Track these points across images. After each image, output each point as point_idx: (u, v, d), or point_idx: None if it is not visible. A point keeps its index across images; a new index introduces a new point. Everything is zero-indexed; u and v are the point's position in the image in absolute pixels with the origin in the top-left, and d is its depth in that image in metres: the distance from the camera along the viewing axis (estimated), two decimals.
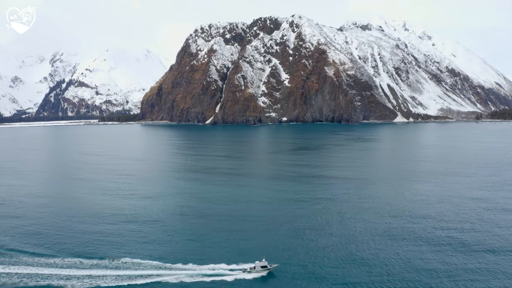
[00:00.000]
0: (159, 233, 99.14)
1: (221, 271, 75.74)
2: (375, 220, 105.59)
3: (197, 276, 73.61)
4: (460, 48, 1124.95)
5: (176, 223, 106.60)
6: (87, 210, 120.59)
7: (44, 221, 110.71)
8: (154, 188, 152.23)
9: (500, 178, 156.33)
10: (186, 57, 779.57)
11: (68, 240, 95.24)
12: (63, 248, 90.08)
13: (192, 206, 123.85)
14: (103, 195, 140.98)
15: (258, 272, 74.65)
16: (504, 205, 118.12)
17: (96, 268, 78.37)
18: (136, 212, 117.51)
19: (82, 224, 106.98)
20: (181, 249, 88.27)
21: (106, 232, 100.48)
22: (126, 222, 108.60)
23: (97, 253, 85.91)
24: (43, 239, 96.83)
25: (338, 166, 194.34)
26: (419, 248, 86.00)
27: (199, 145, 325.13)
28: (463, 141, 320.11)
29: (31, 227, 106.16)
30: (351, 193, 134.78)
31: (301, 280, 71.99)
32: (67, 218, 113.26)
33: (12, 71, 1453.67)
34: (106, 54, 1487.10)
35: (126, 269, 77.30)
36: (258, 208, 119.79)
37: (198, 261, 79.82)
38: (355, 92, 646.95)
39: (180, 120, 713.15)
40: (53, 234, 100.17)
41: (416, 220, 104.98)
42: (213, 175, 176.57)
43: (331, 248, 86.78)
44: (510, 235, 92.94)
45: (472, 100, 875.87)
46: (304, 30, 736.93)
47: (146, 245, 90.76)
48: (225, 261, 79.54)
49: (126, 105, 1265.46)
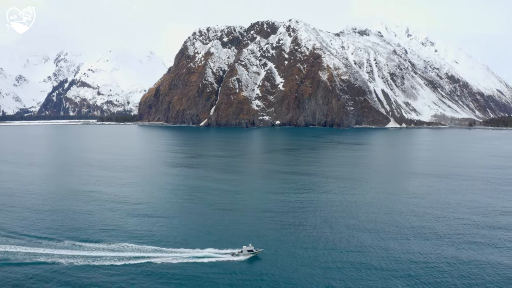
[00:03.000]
0: (154, 220, 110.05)
1: (211, 254, 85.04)
2: (354, 212, 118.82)
3: (189, 258, 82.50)
4: (463, 54, 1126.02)
5: (169, 212, 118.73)
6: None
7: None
8: (148, 182, 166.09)
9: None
10: (183, 60, 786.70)
11: (67, 224, 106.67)
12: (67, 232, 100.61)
13: (185, 196, 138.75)
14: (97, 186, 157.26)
15: (245, 255, 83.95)
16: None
17: (96, 250, 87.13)
18: (131, 201, 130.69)
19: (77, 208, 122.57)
20: (175, 234, 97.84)
21: (104, 218, 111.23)
22: (123, 210, 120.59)
23: (95, 238, 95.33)
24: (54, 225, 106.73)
25: (319, 166, 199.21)
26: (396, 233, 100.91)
27: (183, 144, 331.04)
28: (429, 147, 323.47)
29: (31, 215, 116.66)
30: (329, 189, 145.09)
31: (281, 262, 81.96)
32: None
33: (17, 70, 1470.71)
34: (109, 55, 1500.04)
35: (121, 252, 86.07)
36: (246, 199, 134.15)
37: (190, 245, 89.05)
38: (348, 97, 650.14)
39: (175, 121, 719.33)
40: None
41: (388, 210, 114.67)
42: (205, 171, 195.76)
43: (311, 237, 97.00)
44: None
45: (470, 107, 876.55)
46: (300, 35, 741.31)
47: (141, 231, 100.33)
48: (215, 245, 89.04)
49: (127, 106, 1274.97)
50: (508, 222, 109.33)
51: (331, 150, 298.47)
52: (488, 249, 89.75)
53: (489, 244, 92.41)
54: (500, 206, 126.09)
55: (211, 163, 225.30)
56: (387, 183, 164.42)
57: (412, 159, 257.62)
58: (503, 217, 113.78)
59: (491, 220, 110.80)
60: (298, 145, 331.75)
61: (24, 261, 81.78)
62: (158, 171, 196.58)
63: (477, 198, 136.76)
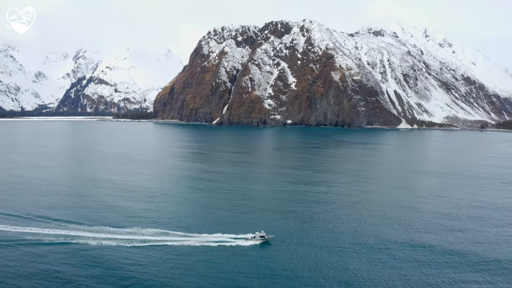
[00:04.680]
0: (174, 208, 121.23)
1: (226, 238, 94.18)
2: (365, 206, 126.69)
3: (207, 242, 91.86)
4: (481, 56, 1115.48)
5: (188, 201, 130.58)
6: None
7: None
8: (166, 174, 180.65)
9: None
10: (198, 58, 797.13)
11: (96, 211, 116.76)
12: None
13: (201, 187, 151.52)
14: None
15: (257, 240, 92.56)
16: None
17: (123, 234, 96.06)
18: (155, 192, 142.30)
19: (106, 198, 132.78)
20: (193, 221, 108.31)
21: (126, 206, 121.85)
22: (143, 198, 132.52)
23: (117, 222, 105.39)
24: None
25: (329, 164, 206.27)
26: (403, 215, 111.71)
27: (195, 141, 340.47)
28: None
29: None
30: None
31: (290, 248, 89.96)
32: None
33: (36, 66, 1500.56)
34: (127, 52, 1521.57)
35: (147, 235, 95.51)
36: (259, 191, 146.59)
37: (208, 231, 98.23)
38: (359, 97, 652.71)
39: (189, 119, 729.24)
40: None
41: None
42: (219, 164, 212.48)
43: (320, 226, 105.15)
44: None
45: (486, 109, 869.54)
46: (314, 35, 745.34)
47: (161, 217, 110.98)
48: (231, 231, 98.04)
49: (143, 103, 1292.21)
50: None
51: (332, 149, 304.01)
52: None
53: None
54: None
55: (224, 158, 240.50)
56: (397, 181, 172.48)
57: (423, 159, 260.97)
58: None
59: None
60: (304, 144, 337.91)
61: (53, 242, 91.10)
62: (173, 164, 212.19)
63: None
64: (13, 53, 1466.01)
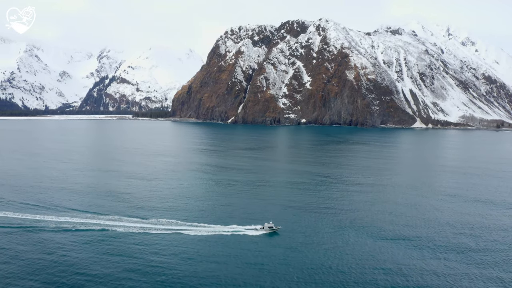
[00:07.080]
0: (187, 200, 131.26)
1: (237, 228, 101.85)
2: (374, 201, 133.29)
3: (218, 232, 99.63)
4: (504, 55, 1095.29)
5: (201, 193, 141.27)
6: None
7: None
8: (182, 169, 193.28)
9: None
10: (215, 58, 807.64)
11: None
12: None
13: (214, 181, 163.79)
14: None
15: (266, 230, 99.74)
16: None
17: (137, 222, 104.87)
18: (167, 182, 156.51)
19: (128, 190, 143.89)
20: (205, 212, 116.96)
21: (144, 196, 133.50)
22: (160, 190, 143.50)
23: (136, 212, 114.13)
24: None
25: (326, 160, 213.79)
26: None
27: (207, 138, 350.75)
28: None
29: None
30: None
31: (296, 238, 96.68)
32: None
33: (60, 65, 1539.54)
34: (149, 52, 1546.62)
35: (165, 225, 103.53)
36: (269, 184, 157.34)
37: (219, 221, 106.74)
38: (374, 96, 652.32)
39: (205, 118, 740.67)
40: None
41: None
42: (231, 160, 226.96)
43: (327, 219, 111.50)
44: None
45: (507, 109, 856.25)
46: (329, 34, 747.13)
47: (176, 208, 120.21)
48: (241, 222, 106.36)
49: (164, 102, 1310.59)
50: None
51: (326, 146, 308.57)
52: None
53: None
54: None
55: (237, 154, 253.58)
56: (412, 178, 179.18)
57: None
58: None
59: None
60: (316, 143, 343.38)
61: (77, 228, 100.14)
62: (191, 160, 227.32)
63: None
64: (38, 53, 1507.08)
